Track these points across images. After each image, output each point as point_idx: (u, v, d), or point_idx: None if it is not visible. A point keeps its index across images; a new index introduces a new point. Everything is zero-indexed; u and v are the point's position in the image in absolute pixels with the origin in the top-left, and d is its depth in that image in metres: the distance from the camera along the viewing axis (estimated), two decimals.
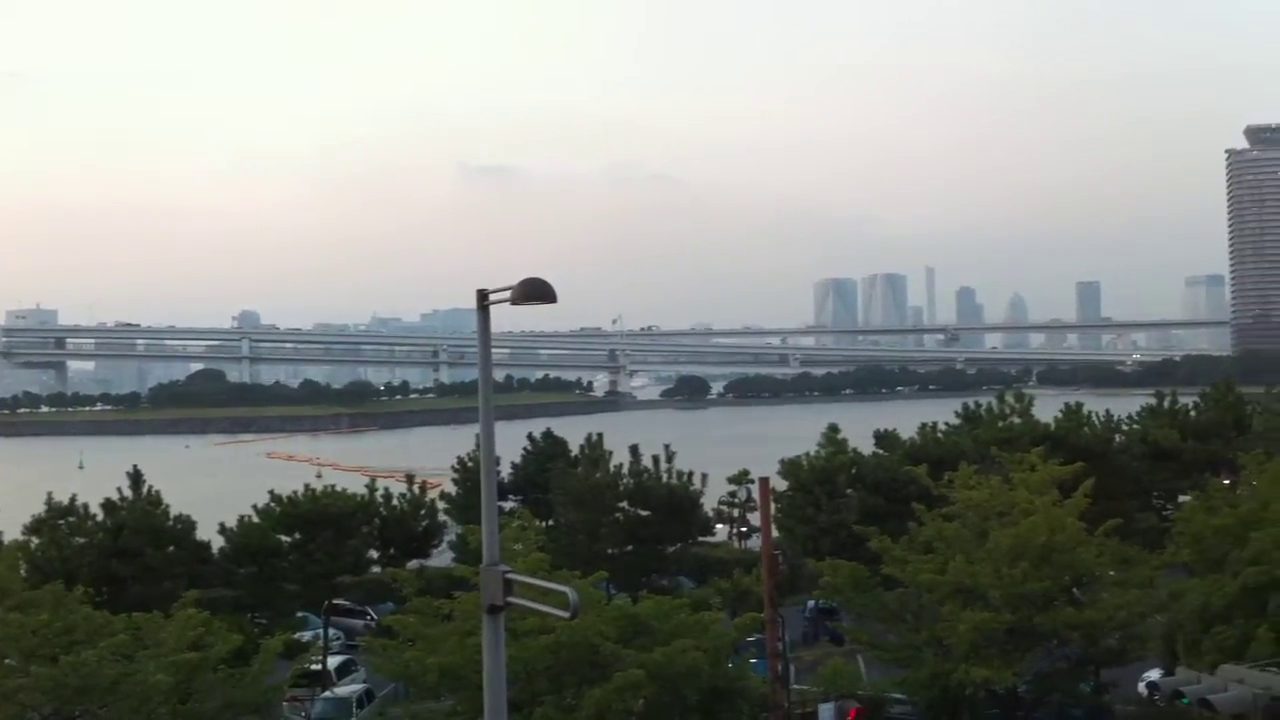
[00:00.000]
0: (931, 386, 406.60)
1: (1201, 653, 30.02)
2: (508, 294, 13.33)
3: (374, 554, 63.05)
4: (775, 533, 56.19)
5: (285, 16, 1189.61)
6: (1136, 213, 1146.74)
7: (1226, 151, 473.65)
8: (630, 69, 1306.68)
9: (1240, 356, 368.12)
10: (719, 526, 71.84)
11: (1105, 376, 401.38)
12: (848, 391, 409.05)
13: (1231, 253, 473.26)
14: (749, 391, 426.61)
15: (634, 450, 64.95)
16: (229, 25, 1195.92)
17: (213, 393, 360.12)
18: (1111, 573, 35.77)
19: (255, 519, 59.89)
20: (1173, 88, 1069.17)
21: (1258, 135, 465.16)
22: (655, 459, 64.34)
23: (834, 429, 67.09)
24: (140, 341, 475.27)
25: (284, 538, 59.64)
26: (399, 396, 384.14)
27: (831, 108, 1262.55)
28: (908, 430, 71.22)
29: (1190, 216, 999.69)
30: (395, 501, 64.12)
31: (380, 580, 57.80)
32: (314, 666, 41.84)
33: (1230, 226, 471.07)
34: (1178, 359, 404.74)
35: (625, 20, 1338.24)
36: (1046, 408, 74.57)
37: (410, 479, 67.75)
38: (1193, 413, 77.30)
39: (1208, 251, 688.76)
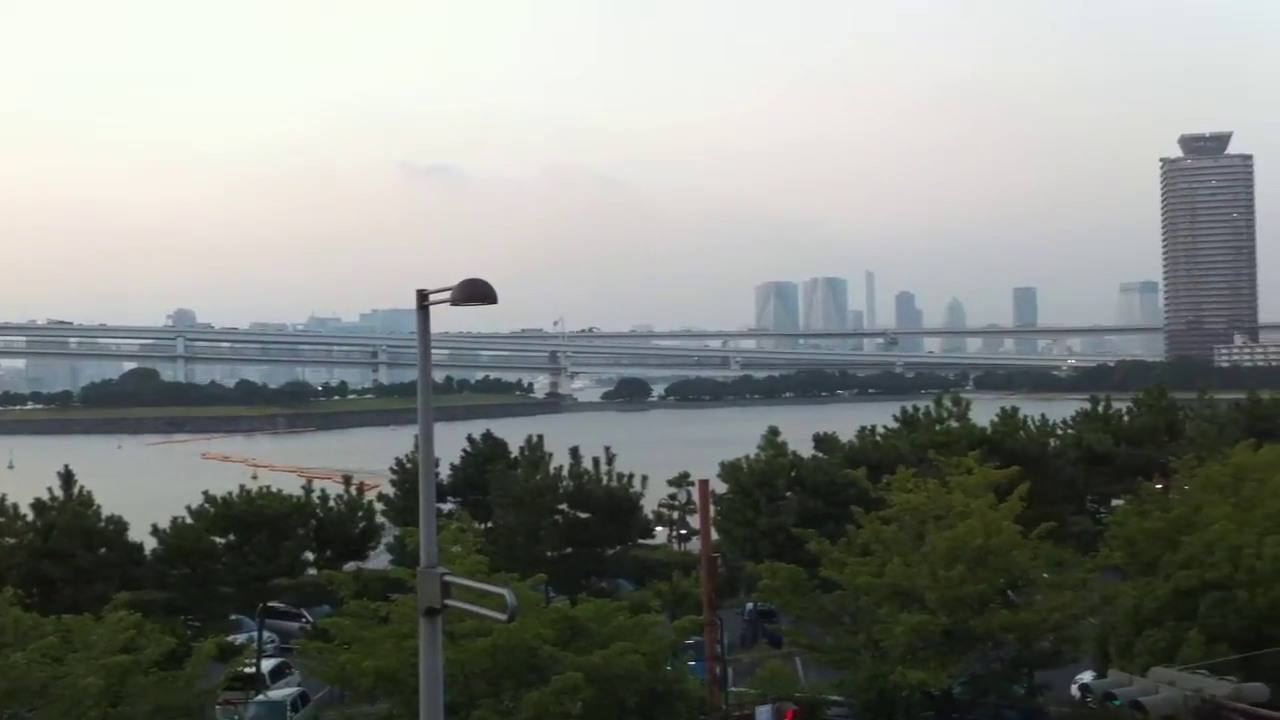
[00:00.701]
0: (871, 390, 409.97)
1: (1133, 655, 30.36)
2: (448, 294, 13.26)
3: (310, 556, 62.33)
4: (714, 535, 56.28)
5: (224, 13, 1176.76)
6: (1073, 220, 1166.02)
7: (1161, 160, 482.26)
8: (574, 71, 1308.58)
9: (1173, 362, 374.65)
10: (659, 529, 71.85)
11: (1041, 381, 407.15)
12: (788, 394, 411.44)
13: (1165, 260, 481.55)
14: (690, 394, 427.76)
15: (574, 452, 64.82)
16: (166, 21, 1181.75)
17: (147, 392, 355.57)
18: (1046, 575, 36.19)
19: (189, 520, 59.00)
20: (1110, 98, 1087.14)
21: (1191, 144, 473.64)
22: (595, 461, 64.26)
23: (774, 432, 67.32)
24: (72, 340, 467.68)
25: (218, 539, 58.81)
26: (337, 397, 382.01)
27: (774, 112, 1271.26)
28: (847, 433, 71.68)
29: (1125, 224, 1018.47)
30: (332, 503, 63.45)
31: (316, 582, 57.27)
32: (248, 670, 41.32)
33: (1164, 234, 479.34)
34: (1112, 364, 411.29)
35: (570, 22, 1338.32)
36: (983, 412, 75.35)
37: (348, 480, 67.10)
38: (1126, 418, 78.48)
39: (1142, 258, 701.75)
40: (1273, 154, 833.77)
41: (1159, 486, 48.93)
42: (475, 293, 13.15)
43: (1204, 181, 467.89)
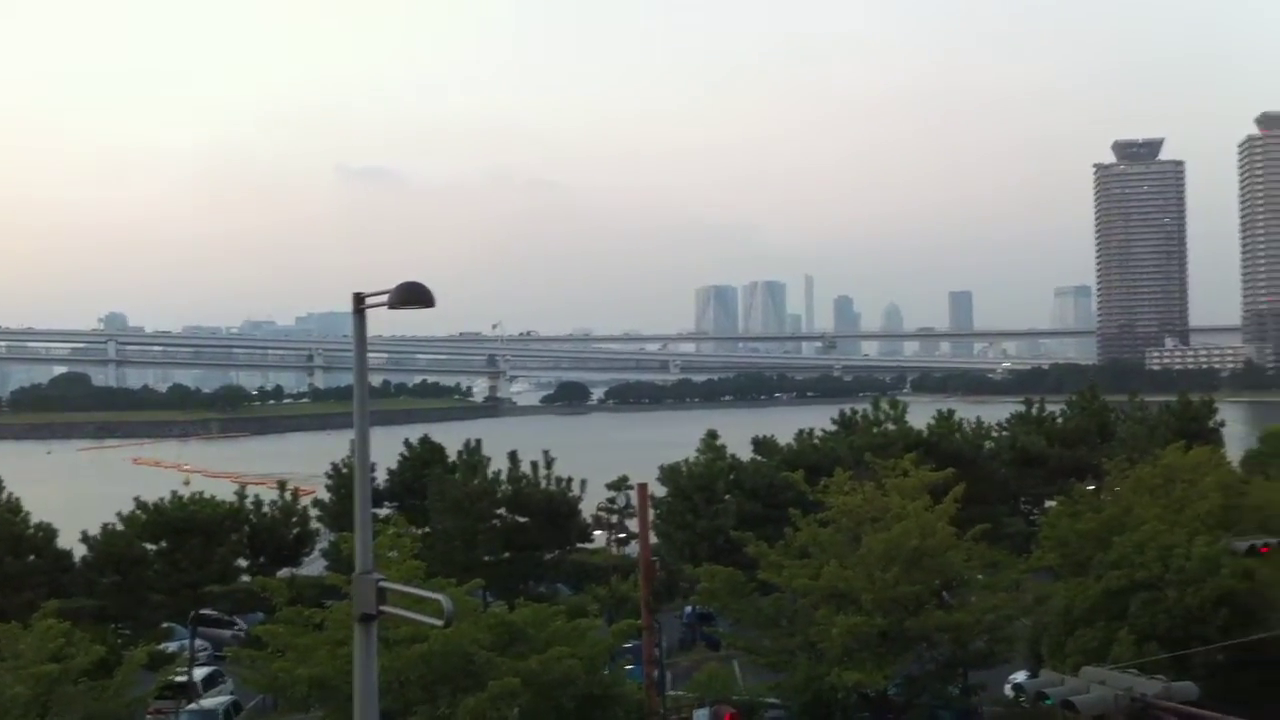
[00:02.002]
0: (809, 393, 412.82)
1: (1065, 654, 30.73)
2: (385, 298, 13.18)
3: (243, 562, 61.75)
4: (653, 539, 56.32)
5: (157, 12, 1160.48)
6: (1008, 225, 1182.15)
7: (1094, 166, 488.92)
8: (513, 73, 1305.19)
9: (1105, 365, 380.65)
10: (597, 533, 71.71)
11: (977, 384, 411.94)
12: (727, 397, 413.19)
13: (1098, 265, 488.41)
14: (629, 397, 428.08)
15: (513, 456, 64.57)
16: (100, 20, 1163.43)
17: (77, 397, 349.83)
18: (980, 576, 36.60)
19: (119, 527, 58.17)
20: (1045, 106, 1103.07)
21: (1124, 150, 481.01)
22: (534, 465, 64.05)
23: (713, 435, 67.50)
24: None
25: (149, 546, 58.08)
26: (272, 401, 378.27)
27: (714, 117, 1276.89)
28: (785, 436, 72.00)
29: (1060, 229, 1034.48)
30: (266, 509, 62.89)
31: (249, 589, 56.60)
32: (179, 678, 40.75)
33: (1097, 239, 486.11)
34: (1046, 367, 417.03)
35: (505, 25, 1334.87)
36: (920, 414, 76.05)
37: (282, 485, 66.45)
38: (1059, 420, 79.50)
39: (1076, 263, 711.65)
40: (1204, 160, 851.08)
41: (1091, 488, 49.55)
42: (412, 296, 13.08)
43: (1136, 187, 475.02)
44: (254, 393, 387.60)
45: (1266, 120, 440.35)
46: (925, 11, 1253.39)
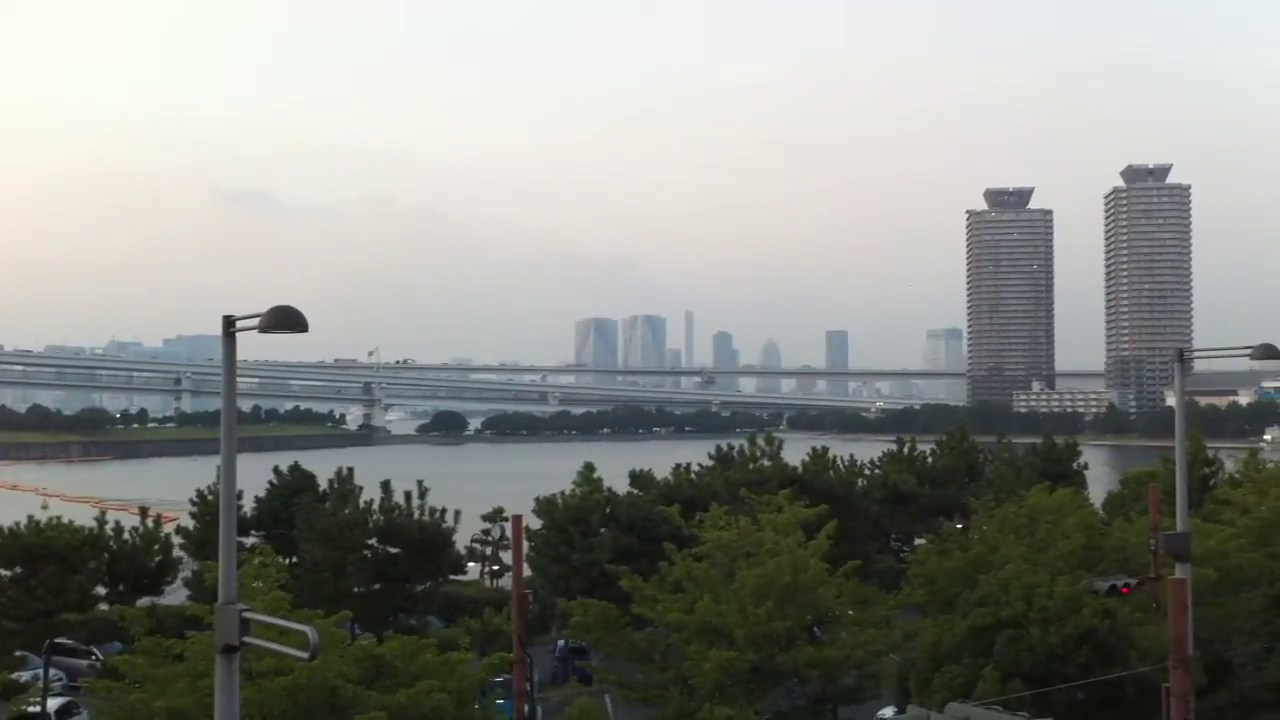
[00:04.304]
0: (688, 428, 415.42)
1: (932, 691, 31.20)
2: (256, 321, 12.90)
3: (102, 590, 59.82)
4: (527, 571, 55.88)
5: (14, 22, 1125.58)
6: (885, 267, 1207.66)
7: (967, 212, 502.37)
8: (399, 100, 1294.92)
9: (975, 407, 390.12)
10: (471, 565, 70.99)
11: (851, 422, 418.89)
12: (606, 430, 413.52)
13: (969, 308, 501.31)
14: (507, 428, 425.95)
15: (385, 486, 63.56)
16: None
17: None
18: (850, 612, 36.99)
19: None
20: (921, 152, 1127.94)
21: (995, 198, 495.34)
22: (407, 495, 63.12)
23: (590, 468, 67.33)
24: None
25: (3, 572, 56.00)
26: (136, 425, 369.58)
27: (598, 151, 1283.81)
28: (663, 470, 72.20)
29: (933, 273, 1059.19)
30: (127, 535, 61.03)
31: (107, 618, 54.88)
32: (33, 709, 39.27)
33: (968, 283, 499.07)
34: (918, 407, 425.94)
35: (396, 52, 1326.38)
36: (795, 451, 76.91)
37: (144, 512, 64.51)
38: (930, 459, 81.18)
39: (948, 306, 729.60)
40: (1072, 210, 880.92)
41: (959, 526, 50.58)
42: (285, 320, 12.84)
43: (1006, 234, 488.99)
44: (117, 416, 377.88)
45: (1131, 173, 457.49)
46: (805, 58, 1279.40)
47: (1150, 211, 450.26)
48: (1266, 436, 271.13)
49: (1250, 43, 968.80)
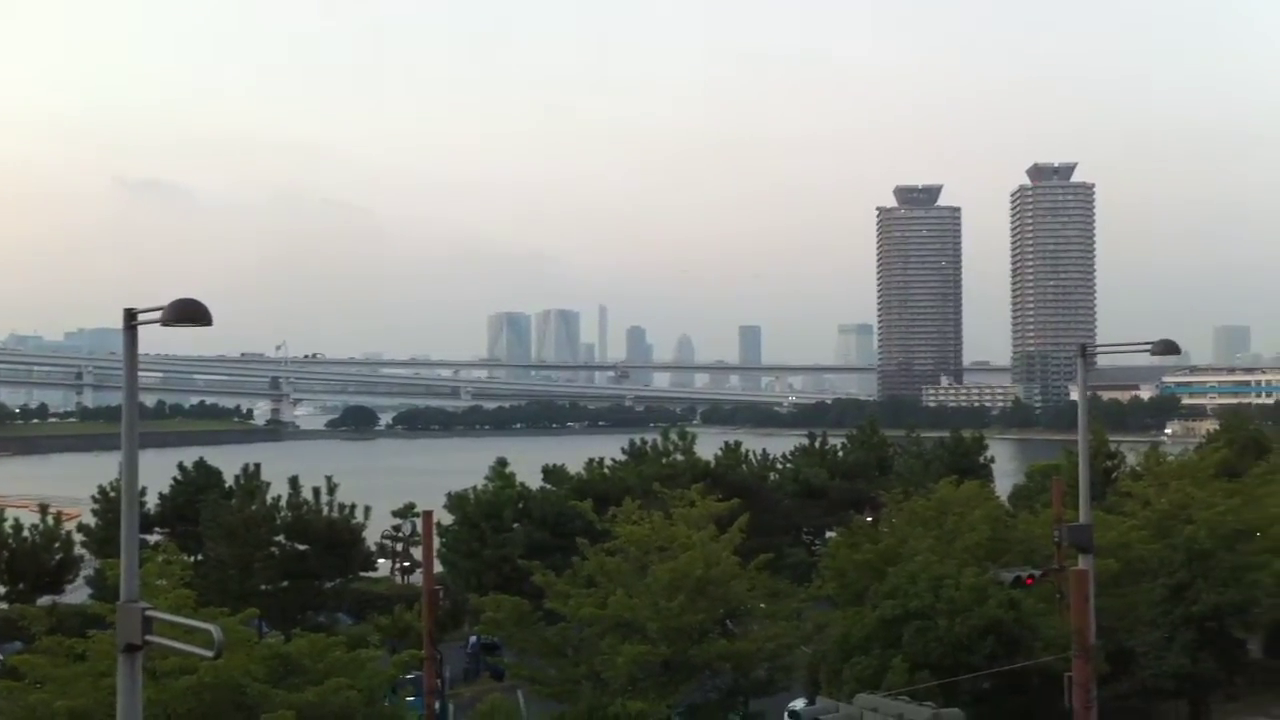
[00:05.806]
0: (601, 422, 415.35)
1: (842, 682, 31.52)
2: (158, 314, 12.69)
3: (0, 589, 58.34)
4: (439, 567, 55.55)
5: None
6: (797, 263, 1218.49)
7: (877, 209, 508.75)
8: (312, 94, 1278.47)
9: (885, 401, 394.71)
10: (381, 561, 70.31)
11: (764, 417, 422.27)
12: (518, 425, 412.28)
13: (879, 304, 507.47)
14: (419, 423, 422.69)
15: (293, 482, 62.69)
16: None
17: None
18: (762, 605, 37.28)
19: None
20: (835, 149, 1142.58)
21: (905, 195, 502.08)
22: (316, 491, 62.32)
23: (502, 463, 67.09)
24: None
25: None
26: (36, 420, 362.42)
27: (522, 149, 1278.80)
28: (576, 465, 72.12)
29: (844, 269, 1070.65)
30: (26, 533, 59.83)
31: (6, 617, 53.60)
32: None
33: (879, 279, 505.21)
34: (829, 402, 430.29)
35: (311, 44, 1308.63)
36: (708, 445, 77.35)
37: (44, 508, 63.20)
38: (841, 454, 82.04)
39: (859, 302, 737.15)
40: (979, 207, 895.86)
41: (869, 519, 51.24)
42: (188, 313, 12.65)
43: (916, 230, 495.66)
44: (17, 410, 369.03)
45: (1036, 171, 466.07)
46: (722, 58, 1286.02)
47: (1055, 209, 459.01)
48: (1167, 430, 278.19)
49: (1155, 51, 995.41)
